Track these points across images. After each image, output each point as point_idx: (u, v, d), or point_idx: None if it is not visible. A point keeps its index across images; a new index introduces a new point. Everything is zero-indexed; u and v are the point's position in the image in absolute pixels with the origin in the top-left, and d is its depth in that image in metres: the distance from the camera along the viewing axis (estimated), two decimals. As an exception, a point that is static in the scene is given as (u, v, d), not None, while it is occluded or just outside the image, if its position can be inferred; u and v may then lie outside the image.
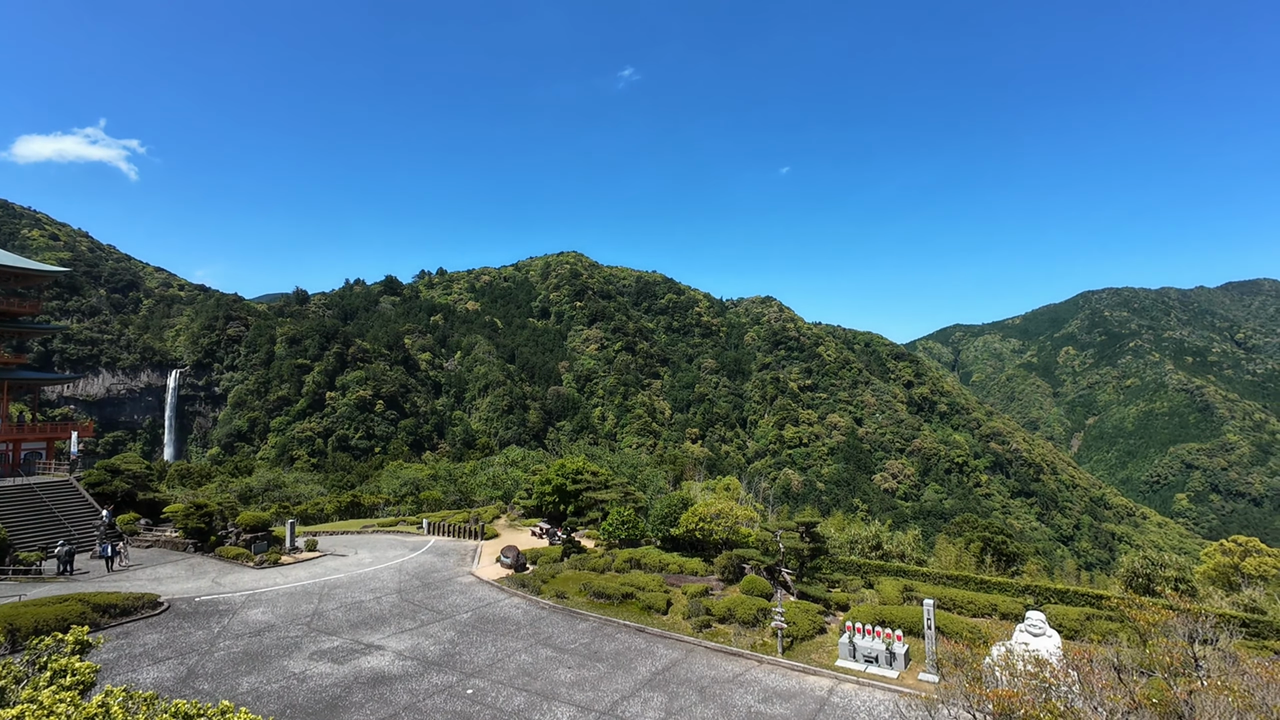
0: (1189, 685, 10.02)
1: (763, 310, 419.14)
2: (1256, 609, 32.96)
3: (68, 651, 6.60)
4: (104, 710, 5.03)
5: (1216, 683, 9.73)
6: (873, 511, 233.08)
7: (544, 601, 34.70)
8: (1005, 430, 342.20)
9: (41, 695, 5.33)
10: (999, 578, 37.17)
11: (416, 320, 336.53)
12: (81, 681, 5.86)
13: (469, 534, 53.80)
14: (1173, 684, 10.21)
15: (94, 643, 6.98)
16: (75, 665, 6.02)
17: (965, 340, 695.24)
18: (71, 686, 5.64)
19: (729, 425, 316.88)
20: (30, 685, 5.80)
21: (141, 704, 5.50)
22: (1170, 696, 9.74)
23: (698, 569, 38.77)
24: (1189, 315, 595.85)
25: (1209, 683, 9.96)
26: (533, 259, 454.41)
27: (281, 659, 25.23)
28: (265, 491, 76.38)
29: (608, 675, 24.54)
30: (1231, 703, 9.32)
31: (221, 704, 5.16)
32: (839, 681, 24.70)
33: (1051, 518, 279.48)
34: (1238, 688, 9.64)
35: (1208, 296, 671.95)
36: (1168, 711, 9.58)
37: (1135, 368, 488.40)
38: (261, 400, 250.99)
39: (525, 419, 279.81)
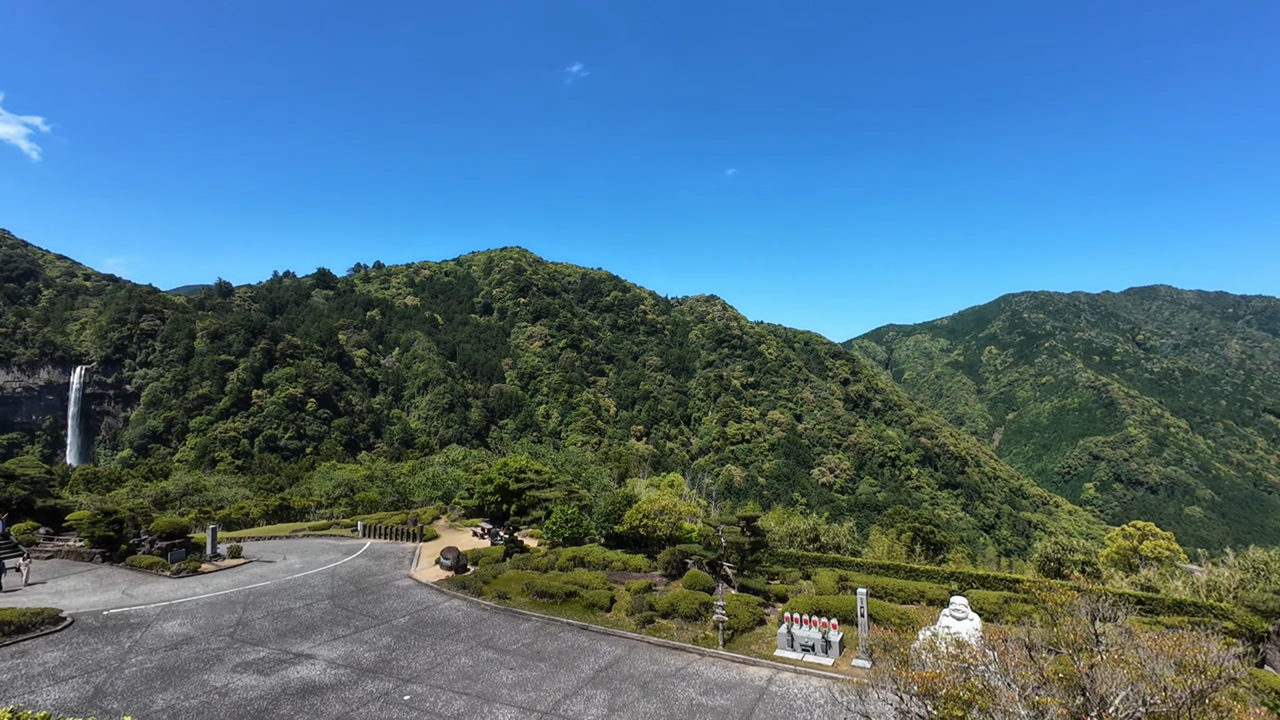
0: (1090, 660, 10.89)
1: (707, 309, 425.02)
2: (1151, 587, 35.95)
3: None
4: None
5: (1114, 657, 10.62)
6: (811, 505, 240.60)
7: (485, 603, 34.11)
8: (934, 426, 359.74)
9: None
10: (927, 566, 39.05)
11: (352, 315, 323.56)
12: None
13: (407, 536, 52.26)
14: (1076, 659, 11.07)
15: None
16: None
17: (898, 340, 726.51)
18: None
19: (673, 422, 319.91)
20: None
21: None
22: (1074, 671, 10.56)
23: (641, 565, 39.00)
24: (1097, 318, 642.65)
25: (1107, 657, 10.85)
26: (475, 254, 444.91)
27: (201, 673, 23.81)
28: (184, 496, 71.80)
29: (550, 675, 24.37)
30: (1126, 674, 10.21)
31: None
32: (777, 671, 25.39)
33: (975, 508, 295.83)
34: (1132, 660, 10.57)
35: (1112, 300, 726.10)
36: (1072, 685, 10.40)
37: (1050, 366, 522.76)
38: (179, 399, 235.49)
39: (467, 417, 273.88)
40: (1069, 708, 10.38)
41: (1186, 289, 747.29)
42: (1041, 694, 10.46)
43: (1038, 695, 10.31)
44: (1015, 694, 10.16)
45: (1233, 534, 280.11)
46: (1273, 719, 10.13)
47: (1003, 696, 10.23)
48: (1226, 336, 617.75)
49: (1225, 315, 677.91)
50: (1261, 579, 33.95)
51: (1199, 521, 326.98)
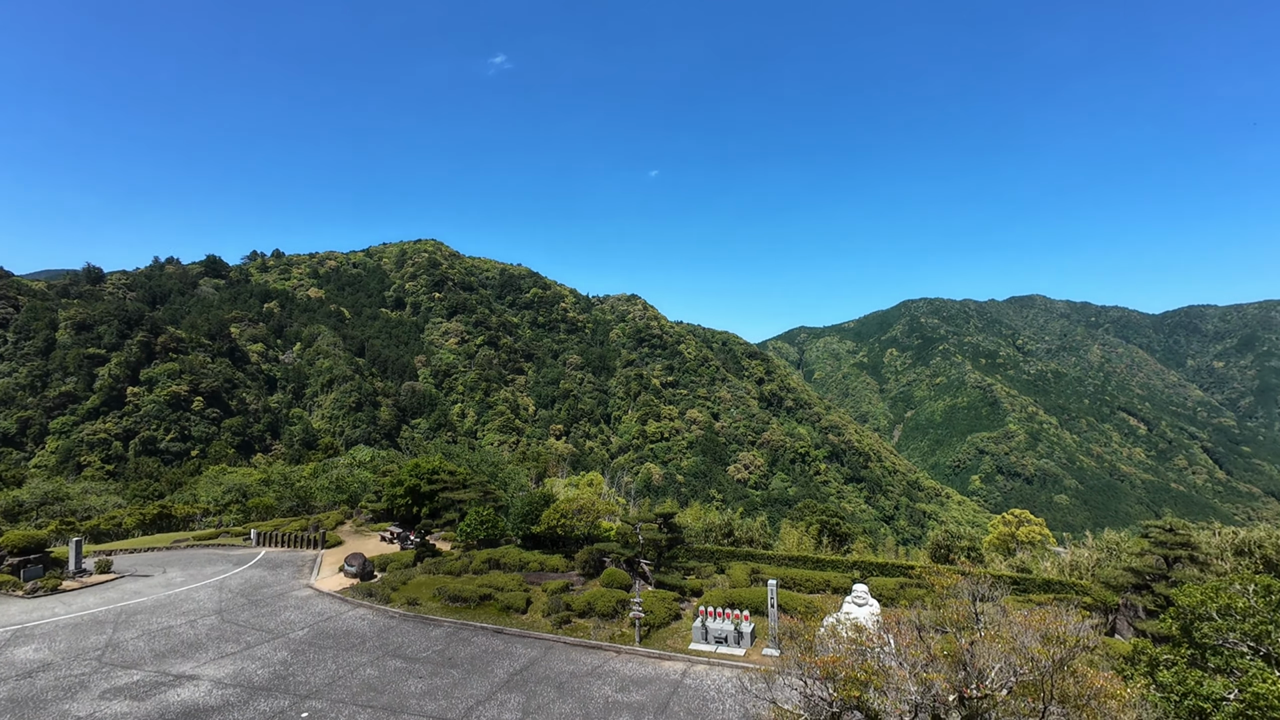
0: (971, 637, 11.92)
1: (628, 308, 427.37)
2: (1024, 569, 39.67)
3: None
4: None
5: (991, 633, 11.70)
6: (727, 501, 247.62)
7: (394, 610, 32.67)
8: (841, 423, 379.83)
9: None
10: (833, 556, 41.16)
11: (246, 307, 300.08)
12: None
13: (308, 543, 49.17)
14: (959, 637, 12.08)
15: None
16: None
17: (809, 341, 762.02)
18: None
19: (593, 421, 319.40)
20: None
21: None
22: (957, 648, 11.54)
23: (559, 565, 38.67)
24: (983, 323, 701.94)
25: (986, 634, 11.92)
26: (386, 245, 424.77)
27: (62, 702, 21.32)
28: (42, 505, 63.95)
29: (462, 681, 23.68)
30: (1001, 649, 11.27)
31: None
32: (692, 664, 25.92)
33: (877, 500, 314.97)
34: (1006, 636, 11.68)
35: (997, 308, 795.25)
36: (956, 661, 11.35)
37: (943, 368, 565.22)
38: (37, 397, 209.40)
39: (376, 416, 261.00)
40: (953, 682, 11.31)
41: (1058, 299, 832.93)
42: (929, 671, 11.34)
43: (926, 672, 11.18)
44: (906, 672, 10.97)
45: (1093, 519, 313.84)
46: (1119, 680, 11.49)
47: (895, 675, 11.01)
48: (1089, 343, 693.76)
49: (1089, 323, 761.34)
50: (1113, 558, 38.28)
51: (1065, 508, 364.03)
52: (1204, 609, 16.87)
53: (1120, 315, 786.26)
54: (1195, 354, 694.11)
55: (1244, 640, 15.74)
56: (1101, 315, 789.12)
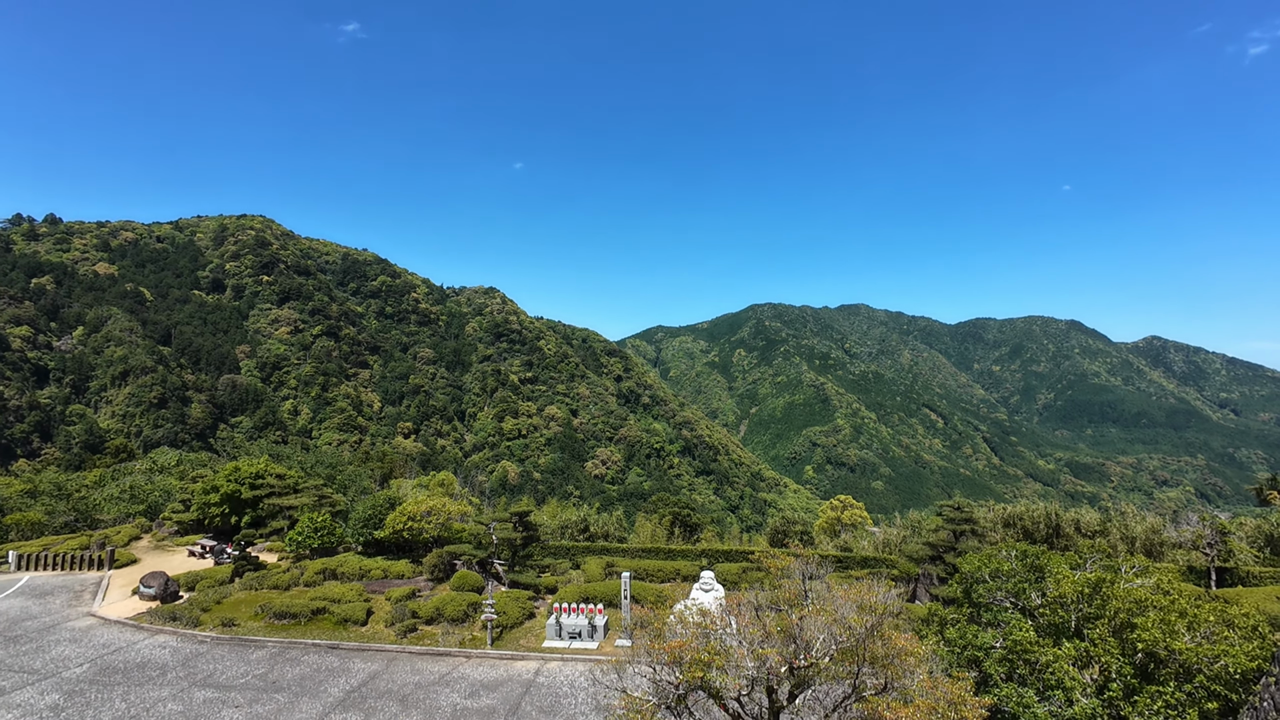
0: (800, 613, 13.16)
1: (485, 301, 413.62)
2: (847, 548, 44.46)
3: None
4: None
5: (817, 608, 13.04)
6: (584, 497, 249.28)
7: (204, 634, 28.75)
8: (694, 419, 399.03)
9: None
10: (683, 546, 43.13)
11: (8, 282, 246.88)
12: None
13: (89, 564, 41.65)
14: (791, 614, 13.28)
15: None
16: None
17: (665, 340, 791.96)
18: None
19: (446, 418, 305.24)
20: None
21: None
22: (788, 624, 12.69)
23: (405, 571, 36.49)
24: (818, 327, 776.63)
25: (813, 609, 13.25)
26: (202, 218, 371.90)
27: None
28: None
29: (289, 706, 21.48)
30: (825, 620, 12.60)
31: None
32: (545, 661, 25.77)
33: (724, 491, 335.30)
34: (829, 609, 13.08)
35: (829, 314, 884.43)
36: (787, 636, 12.49)
37: (784, 368, 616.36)
38: None
39: (185, 414, 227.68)
40: (784, 654, 12.41)
41: (879, 308, 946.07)
42: (764, 647, 12.33)
43: (761, 648, 12.14)
44: (745, 650, 11.84)
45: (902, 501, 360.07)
46: (916, 640, 13.34)
47: (735, 654, 11.84)
48: (902, 348, 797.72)
49: (902, 330, 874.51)
50: (916, 534, 44.21)
51: (881, 493, 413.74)
52: (979, 573, 20.09)
53: (925, 324, 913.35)
54: (979, 359, 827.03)
55: (1007, 597, 18.98)
56: (911, 324, 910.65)
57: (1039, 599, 18.13)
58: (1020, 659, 15.75)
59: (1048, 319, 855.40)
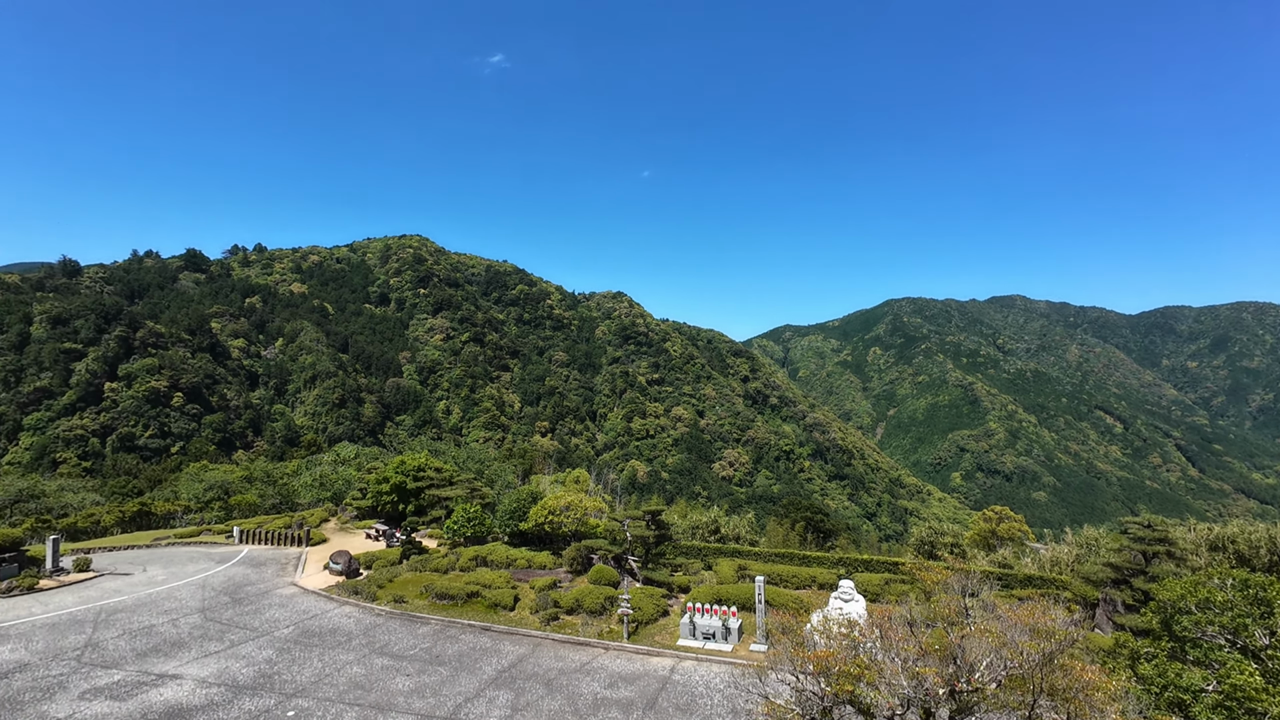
0: (961, 632, 12.12)
1: (614, 305, 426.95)
2: (1006, 565, 40.31)
3: None
4: None
5: (980, 627, 11.91)
6: (712, 498, 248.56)
7: (380, 608, 32.41)
8: (825, 421, 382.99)
9: None
10: (817, 553, 41.55)
11: (228, 302, 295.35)
12: None
13: (292, 540, 48.60)
14: (950, 632, 12.27)
15: None
16: None
17: (794, 339, 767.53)
18: None
19: (579, 418, 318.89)
20: None
21: None
22: (947, 642, 11.73)
23: (546, 562, 38.61)
24: (965, 322, 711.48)
25: (975, 628, 12.13)
26: (370, 240, 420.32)
27: (41, 703, 20.90)
28: (16, 503, 62.54)
29: (450, 679, 23.57)
30: (990, 642, 11.50)
31: None
32: (680, 660, 26.03)
33: (859, 497, 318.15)
34: (994, 630, 11.91)
35: (978, 308, 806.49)
36: (945, 655, 11.55)
37: (925, 366, 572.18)
38: (11, 392, 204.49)
39: (360, 413, 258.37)
40: (944, 675, 11.50)
41: (1038, 299, 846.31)
42: (920, 665, 11.52)
43: (917, 666, 11.34)
44: (898, 666, 11.14)
45: (1070, 515, 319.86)
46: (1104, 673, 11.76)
47: (887, 669, 11.18)
48: (1068, 342, 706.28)
49: (1067, 323, 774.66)
50: (1092, 554, 39.03)
51: (1044, 505, 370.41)
52: (1184, 603, 17.28)
53: (1098, 316, 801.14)
54: (1170, 354, 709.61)
55: (1222, 633, 16.16)
56: (1080, 315, 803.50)
57: (1266, 638, 15.24)
58: (1242, 707, 13.35)
59: (1263, 305, 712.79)
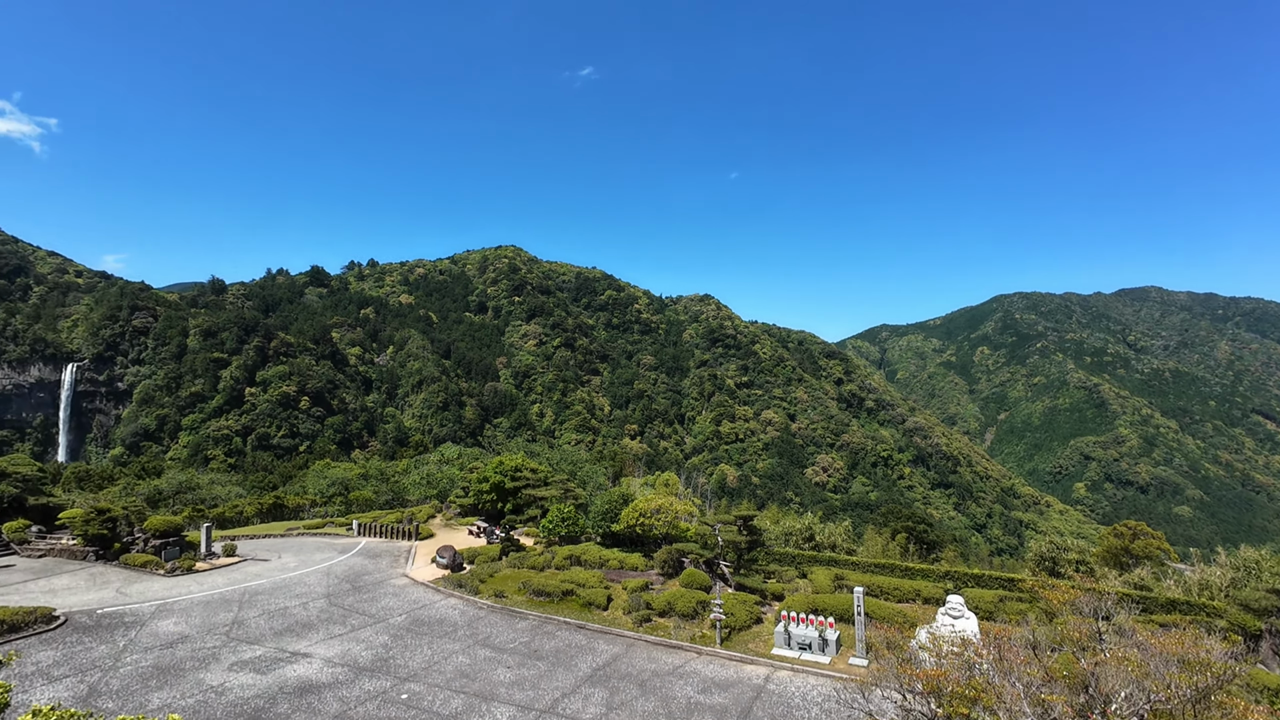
0: (1095, 658, 10.94)
1: (701, 308, 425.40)
2: (1144, 586, 36.20)
3: None
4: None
5: (1118, 655, 10.67)
6: (805, 504, 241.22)
7: (482, 601, 34.02)
8: (927, 425, 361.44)
9: None
10: (921, 565, 39.24)
11: (346, 313, 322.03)
12: None
13: (403, 534, 52.07)
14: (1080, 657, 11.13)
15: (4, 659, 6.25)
16: None
17: (891, 340, 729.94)
18: None
19: (667, 421, 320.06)
20: None
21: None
22: (1078, 669, 10.62)
23: (638, 564, 38.99)
24: (1088, 318, 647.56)
25: (1110, 655, 10.91)
26: (470, 252, 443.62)
27: (197, 671, 23.65)
28: (177, 494, 71.28)
29: (548, 673, 24.33)
30: (1131, 672, 10.29)
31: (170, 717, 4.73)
32: (775, 669, 25.44)
33: (967, 507, 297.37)
34: (1135, 659, 10.65)
35: (1104, 302, 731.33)
36: (1076, 683, 10.46)
37: (1042, 367, 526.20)
38: (172, 396, 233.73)
39: (461, 416, 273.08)
40: (1074, 705, 10.45)
41: (1177, 290, 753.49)
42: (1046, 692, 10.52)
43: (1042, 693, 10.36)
44: (1019, 691, 10.23)
45: (1221, 533, 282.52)
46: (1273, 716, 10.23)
47: (1007, 694, 10.28)
48: (1216, 338, 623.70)
49: (1215, 317, 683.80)
50: (1253, 578, 34.26)
51: (1188, 521, 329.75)
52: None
53: (1253, 307, 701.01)
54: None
55: None
56: (1231, 307, 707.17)
57: None
58: None
59: None
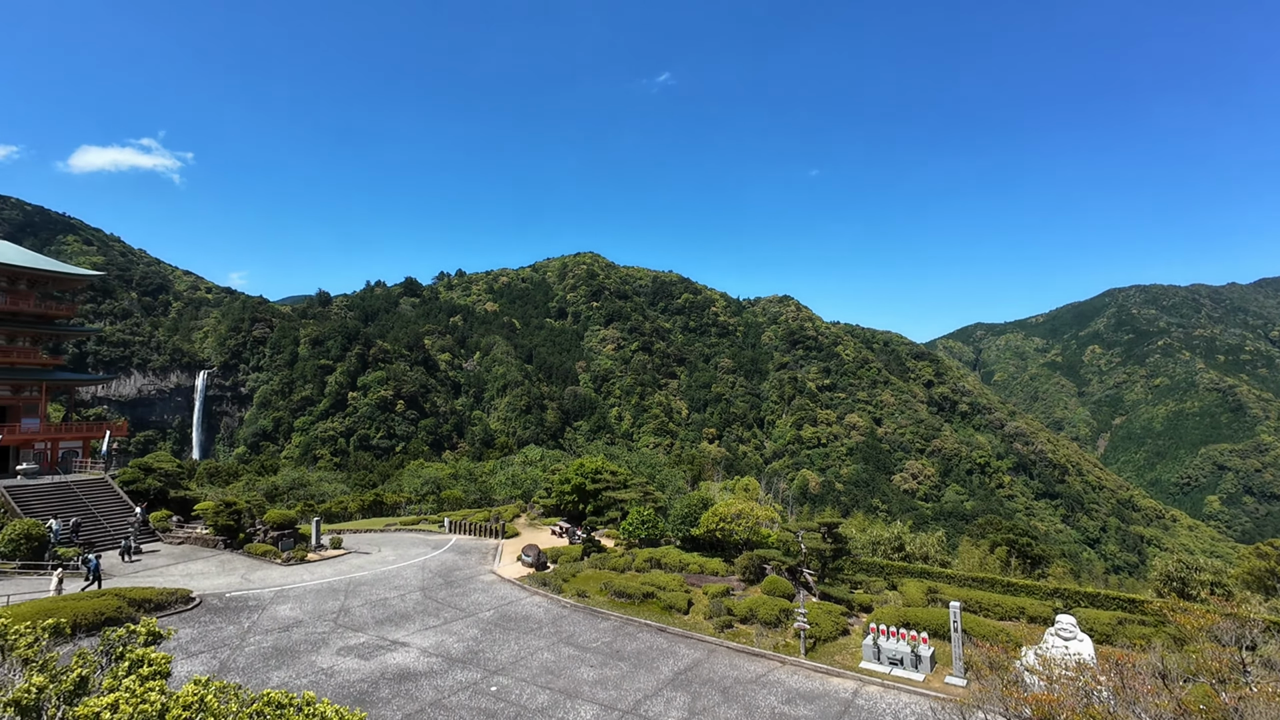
0: (1239, 692, 9.71)
1: (780, 309, 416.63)
2: (1297, 615, 31.96)
3: (140, 642, 6.73)
4: (198, 699, 5.10)
5: (1269, 690, 9.39)
6: (893, 513, 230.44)
7: (565, 600, 34.82)
8: (1029, 430, 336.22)
9: (125, 683, 5.43)
10: (1026, 580, 36.56)
11: (436, 321, 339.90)
12: (159, 671, 5.97)
13: (490, 532, 54.20)
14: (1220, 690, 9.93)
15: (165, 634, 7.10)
16: (151, 655, 6.14)
17: (987, 339, 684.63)
18: (150, 676, 5.74)
19: (746, 425, 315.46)
20: (110, 674, 5.92)
21: (231, 694, 5.57)
22: (1218, 703, 9.44)
23: (718, 569, 38.65)
24: (1221, 312, 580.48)
25: (1259, 689, 9.65)
26: (550, 260, 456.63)
27: (310, 654, 25.64)
28: (290, 490, 77.65)
29: (630, 674, 24.56)
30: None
31: (305, 694, 5.21)
32: (863, 684, 24.46)
33: (1077, 520, 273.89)
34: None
35: (1240, 293, 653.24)
36: (1215, 718, 9.30)
37: (1164, 366, 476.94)
38: (286, 400, 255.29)
39: (543, 419, 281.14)
40: (1211, 743, 9.34)
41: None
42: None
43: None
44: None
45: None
46: None
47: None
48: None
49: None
50: None
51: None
52: None
53: None
54: None
55: None
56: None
57: None
58: None
59: None
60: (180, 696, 5.08)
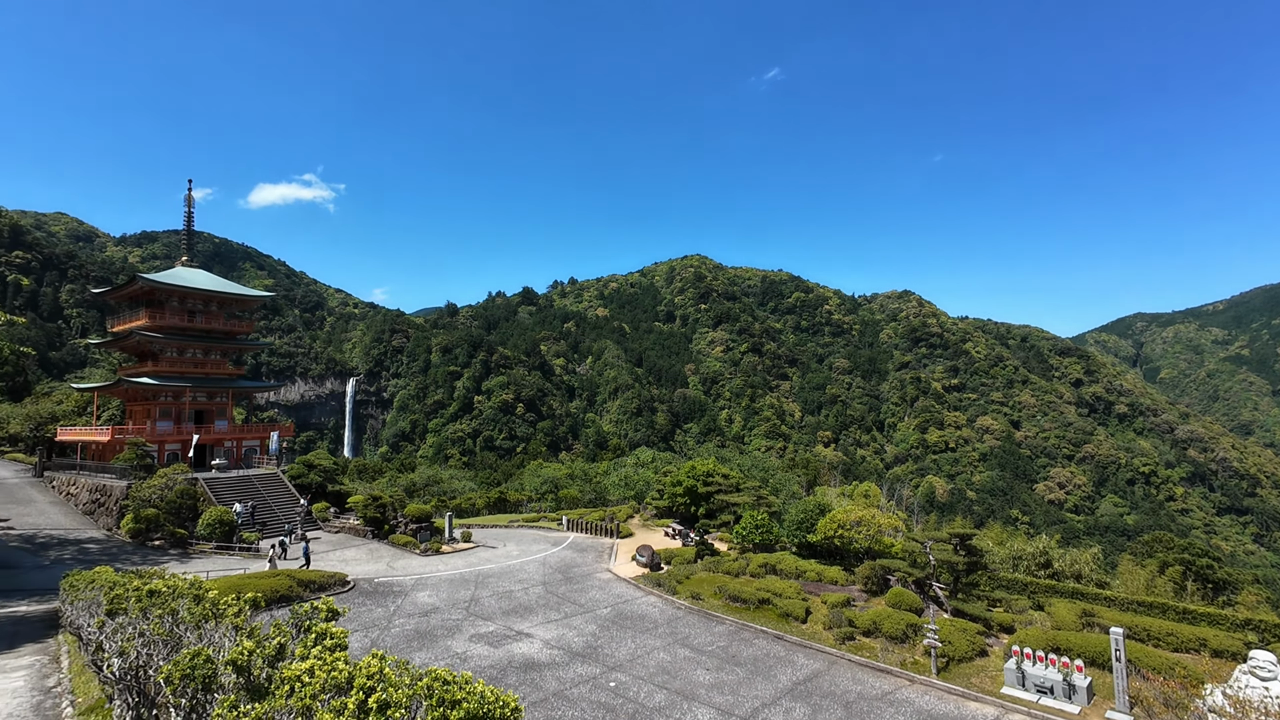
0: None
1: (900, 305, 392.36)
2: None
3: (322, 617, 7.81)
4: (379, 670, 5.87)
5: None
6: (1035, 525, 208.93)
7: (679, 602, 35.03)
8: (1207, 435, 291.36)
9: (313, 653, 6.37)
10: (1207, 608, 31.81)
11: (551, 327, 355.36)
12: (339, 644, 6.90)
13: (605, 532, 55.73)
14: None
15: (341, 611, 8.14)
16: (332, 630, 7.10)
17: (1149, 331, 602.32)
18: (332, 649, 6.67)
19: (864, 428, 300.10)
20: (301, 644, 6.94)
21: (403, 668, 6.32)
22: None
23: (837, 578, 37.14)
24: None
25: None
26: (657, 264, 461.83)
27: (446, 639, 27.78)
28: (426, 486, 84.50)
29: (747, 680, 24.25)
30: None
31: (463, 674, 5.79)
32: (1006, 711, 22.45)
33: (1273, 540, 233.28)
34: None
35: None
36: None
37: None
38: (420, 404, 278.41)
39: (653, 421, 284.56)
40: None
41: None
42: None
43: None
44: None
45: None
46: None
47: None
48: None
49: None
50: None
51: None
52: None
53: None
54: None
55: None
56: None
57: None
58: None
59: None
60: (362, 667, 5.80)
